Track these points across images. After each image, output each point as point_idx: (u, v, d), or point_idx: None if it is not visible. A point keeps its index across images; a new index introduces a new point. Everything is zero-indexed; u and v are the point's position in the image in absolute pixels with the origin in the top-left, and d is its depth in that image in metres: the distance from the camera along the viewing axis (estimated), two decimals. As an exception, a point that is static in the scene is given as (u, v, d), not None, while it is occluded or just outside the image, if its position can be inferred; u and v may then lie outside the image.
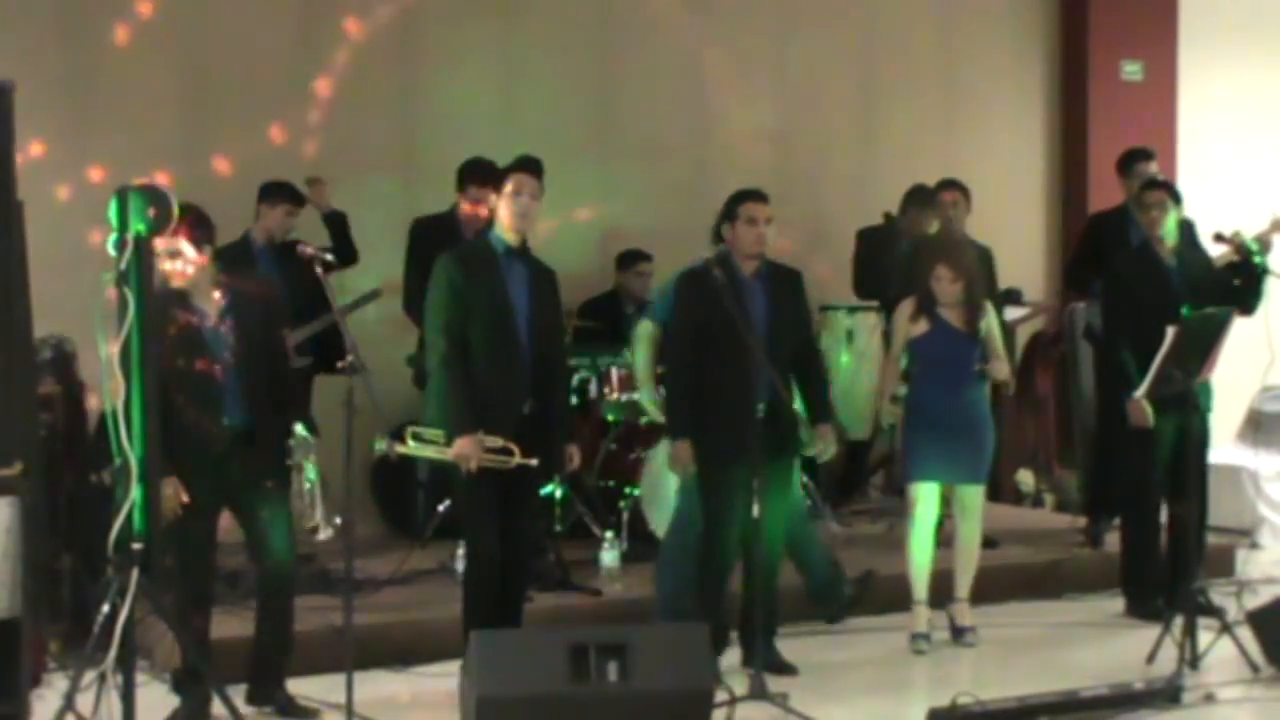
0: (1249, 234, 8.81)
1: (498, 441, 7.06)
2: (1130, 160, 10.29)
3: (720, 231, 7.81)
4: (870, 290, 10.59)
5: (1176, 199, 8.78)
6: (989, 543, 9.32)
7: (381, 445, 7.10)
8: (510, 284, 7.20)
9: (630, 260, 10.73)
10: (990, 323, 8.35)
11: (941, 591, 8.41)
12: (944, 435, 8.18)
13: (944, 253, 8.42)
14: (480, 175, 9.14)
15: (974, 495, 8.37)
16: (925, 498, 8.25)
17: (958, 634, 8.39)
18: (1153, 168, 10.14)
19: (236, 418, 6.91)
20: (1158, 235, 8.71)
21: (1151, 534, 8.81)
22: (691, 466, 7.65)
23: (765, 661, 7.47)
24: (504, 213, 7.23)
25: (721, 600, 7.75)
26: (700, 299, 7.67)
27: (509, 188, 7.23)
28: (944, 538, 8.48)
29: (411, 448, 7.11)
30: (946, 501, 8.46)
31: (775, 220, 7.78)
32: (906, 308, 8.31)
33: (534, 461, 7.09)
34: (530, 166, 7.38)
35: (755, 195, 7.79)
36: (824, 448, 7.92)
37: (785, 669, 7.72)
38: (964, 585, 8.45)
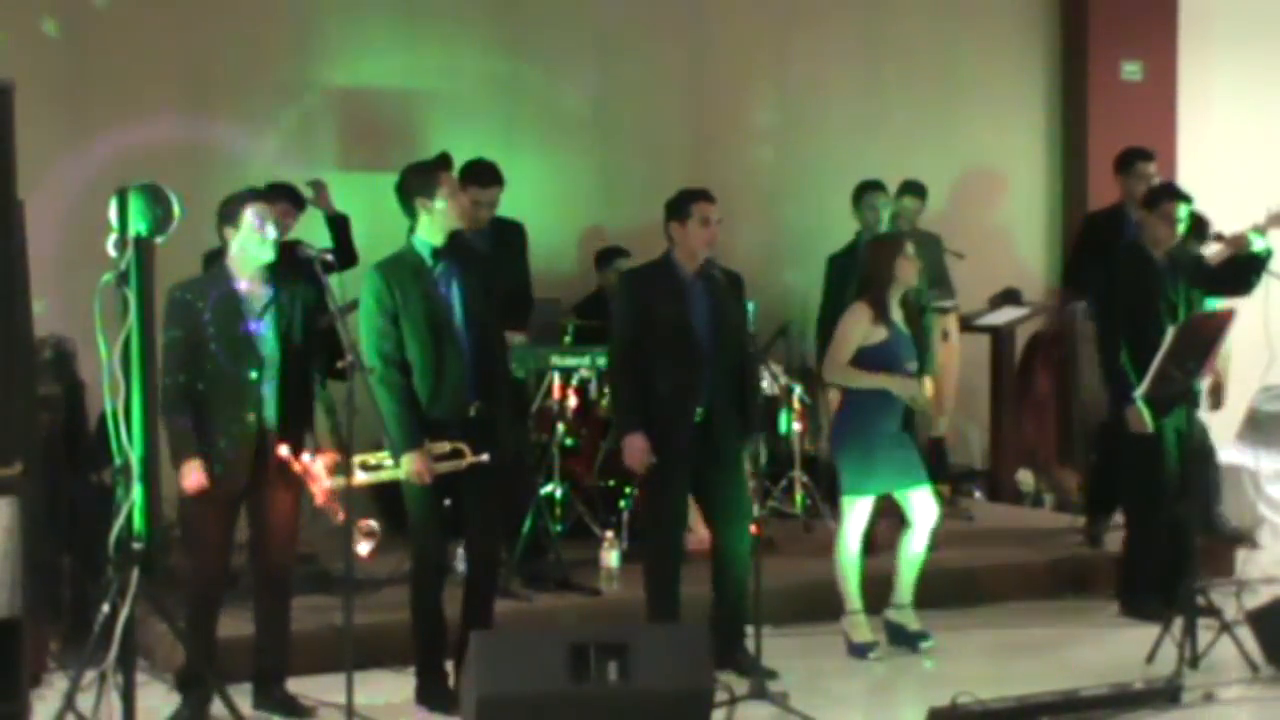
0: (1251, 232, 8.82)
1: (445, 447, 7.06)
2: (1130, 160, 10.30)
3: (666, 230, 7.79)
4: None
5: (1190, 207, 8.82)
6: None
7: (329, 485, 7.07)
8: (441, 286, 7.17)
9: (608, 258, 10.72)
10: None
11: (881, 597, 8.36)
12: (889, 444, 8.05)
13: (901, 237, 8.34)
14: (480, 176, 9.15)
15: (929, 493, 8.19)
16: (864, 510, 8.11)
17: (914, 639, 8.25)
18: (1151, 168, 10.15)
19: (266, 414, 6.94)
20: (1166, 245, 8.71)
21: (1156, 536, 8.79)
22: (649, 458, 7.60)
23: (736, 663, 7.51)
24: (444, 212, 7.17)
25: (674, 601, 7.73)
26: (648, 298, 7.68)
27: (446, 189, 7.19)
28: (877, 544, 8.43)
29: (360, 479, 7.09)
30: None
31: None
32: (863, 313, 8.06)
33: (485, 457, 7.09)
34: (452, 165, 7.58)
35: (706, 195, 7.77)
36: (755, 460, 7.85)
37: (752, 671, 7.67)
38: (910, 590, 8.30)
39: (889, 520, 8.41)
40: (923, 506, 8.16)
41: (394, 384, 7.06)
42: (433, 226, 7.16)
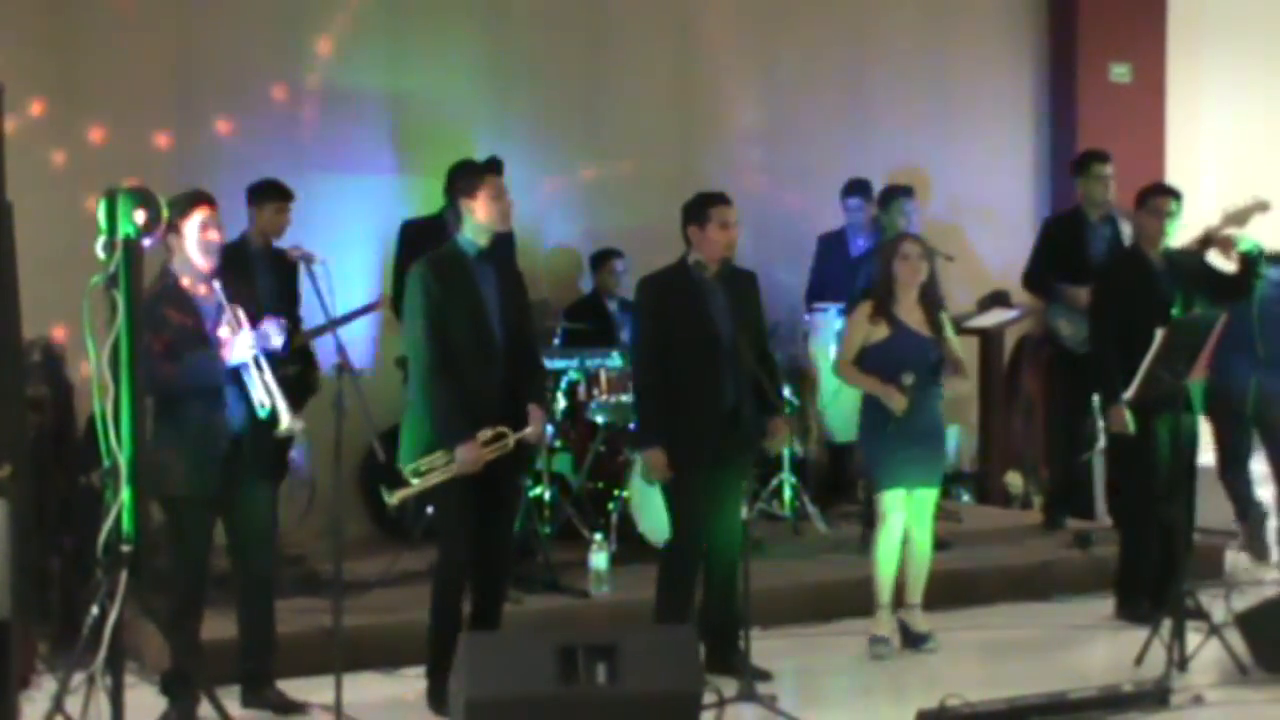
0: (1241, 236, 8.84)
1: (488, 433, 7.08)
2: (1086, 162, 10.36)
3: (685, 234, 7.79)
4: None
5: (1180, 203, 8.83)
6: (941, 544, 9.27)
7: (393, 499, 7.09)
8: (483, 287, 7.21)
9: (603, 259, 10.76)
10: (947, 326, 8.31)
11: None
12: (906, 441, 8.07)
13: (904, 238, 8.42)
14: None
15: (931, 499, 8.29)
16: (897, 505, 8.16)
17: (916, 641, 8.30)
18: (1108, 170, 10.20)
19: (236, 415, 6.93)
20: (1158, 241, 8.72)
21: (1149, 538, 8.80)
22: (668, 473, 7.61)
23: (732, 663, 7.48)
24: (485, 214, 7.21)
25: (690, 604, 7.74)
26: (669, 303, 7.69)
27: (489, 191, 7.22)
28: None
29: (417, 484, 7.10)
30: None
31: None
32: (865, 309, 8.18)
33: (529, 431, 7.14)
34: (501, 169, 7.48)
35: (724, 199, 7.78)
36: (777, 441, 7.93)
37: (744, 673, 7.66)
38: (918, 591, 8.35)
39: None
40: (921, 509, 8.22)
41: (444, 370, 7.07)
42: (475, 226, 7.20)
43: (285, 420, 6.85)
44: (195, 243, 6.90)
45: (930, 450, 8.21)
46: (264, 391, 6.85)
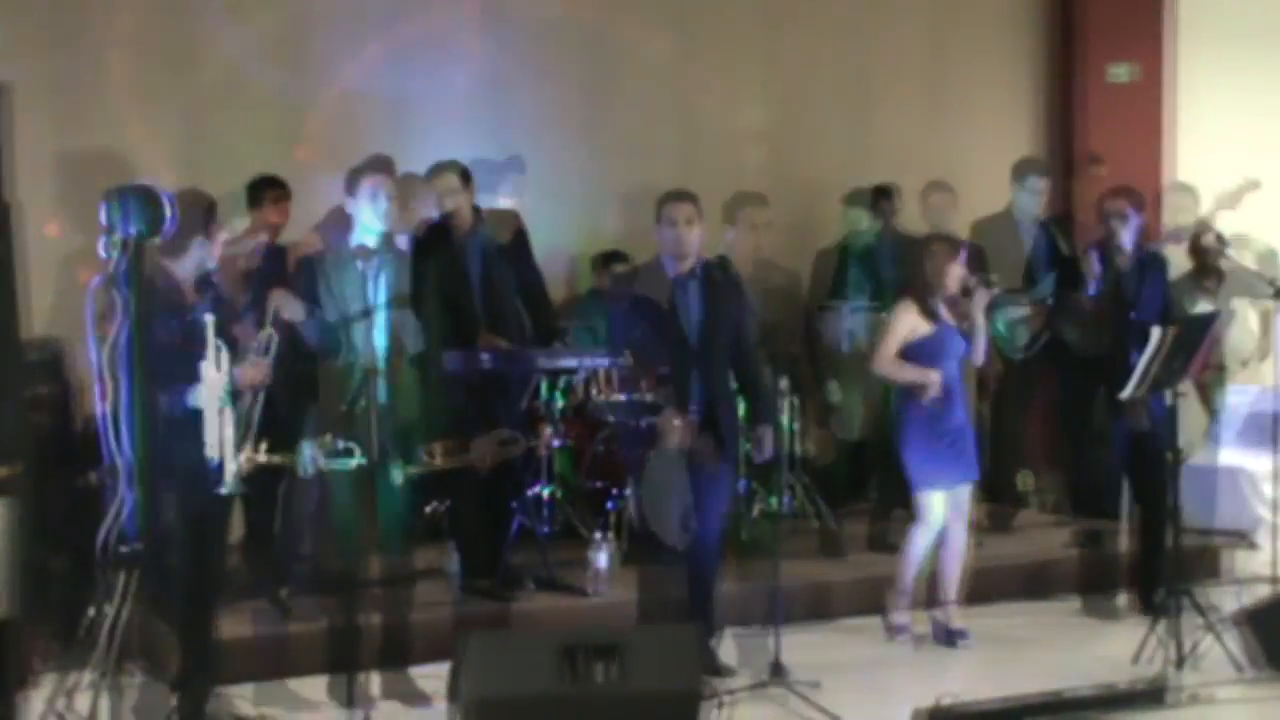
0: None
1: (502, 434, 7.14)
2: (1024, 174, 10.53)
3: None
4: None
5: (1140, 207, 8.89)
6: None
7: (399, 474, 7.11)
8: (494, 276, 7.25)
9: (605, 261, 10.74)
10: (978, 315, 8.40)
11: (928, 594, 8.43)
12: (946, 438, 8.22)
13: (932, 238, 8.52)
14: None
15: (968, 494, 8.41)
16: (939, 504, 8.28)
17: (952, 636, 8.38)
18: (1043, 184, 10.48)
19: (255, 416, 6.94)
20: (1117, 244, 8.81)
21: (1159, 534, 8.80)
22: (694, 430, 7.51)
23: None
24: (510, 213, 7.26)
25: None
26: (634, 300, 7.68)
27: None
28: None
29: (435, 461, 7.15)
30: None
31: (769, 220, 7.74)
32: (909, 308, 8.28)
33: (536, 443, 7.20)
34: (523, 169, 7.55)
35: (678, 195, 7.74)
36: (760, 451, 7.90)
37: (721, 670, 7.68)
38: (955, 587, 8.45)
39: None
40: (959, 504, 8.34)
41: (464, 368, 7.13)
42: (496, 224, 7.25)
43: (230, 476, 6.54)
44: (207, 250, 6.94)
45: (966, 445, 8.34)
46: (216, 440, 6.59)
